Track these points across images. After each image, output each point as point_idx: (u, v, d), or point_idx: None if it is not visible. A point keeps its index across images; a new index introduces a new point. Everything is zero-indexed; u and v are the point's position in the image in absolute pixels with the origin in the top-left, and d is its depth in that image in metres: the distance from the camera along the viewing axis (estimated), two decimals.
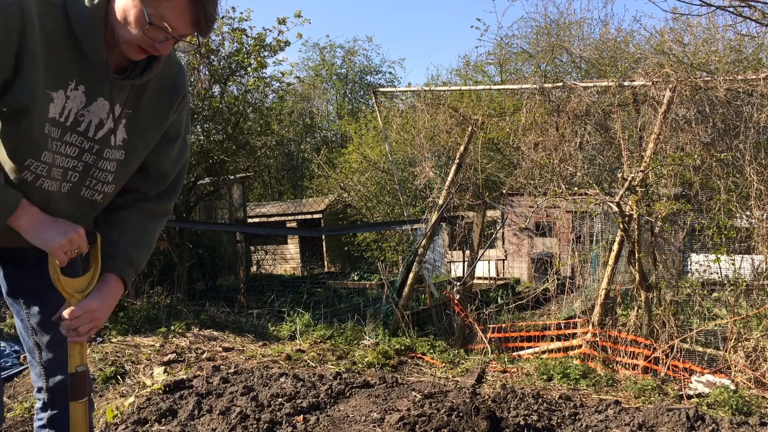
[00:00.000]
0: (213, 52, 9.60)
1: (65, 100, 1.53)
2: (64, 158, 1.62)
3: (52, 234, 1.60)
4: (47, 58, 1.47)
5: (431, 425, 3.20)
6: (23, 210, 1.58)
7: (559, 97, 6.39)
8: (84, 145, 1.63)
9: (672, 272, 6.45)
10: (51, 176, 1.61)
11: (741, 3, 5.18)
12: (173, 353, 5.10)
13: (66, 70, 1.51)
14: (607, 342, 5.12)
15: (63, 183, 1.65)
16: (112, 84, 1.59)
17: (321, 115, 27.93)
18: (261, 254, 17.39)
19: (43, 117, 1.51)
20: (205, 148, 9.55)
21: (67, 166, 1.64)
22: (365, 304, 8.68)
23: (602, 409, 3.74)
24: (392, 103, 14.58)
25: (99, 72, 1.55)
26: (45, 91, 1.49)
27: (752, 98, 5.21)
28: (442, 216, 7.31)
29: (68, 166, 1.64)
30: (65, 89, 1.52)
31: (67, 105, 1.54)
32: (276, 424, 3.38)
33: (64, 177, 1.65)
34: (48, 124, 1.53)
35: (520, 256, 15.20)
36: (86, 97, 1.57)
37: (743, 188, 5.02)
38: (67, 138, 1.59)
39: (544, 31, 15.59)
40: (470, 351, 5.98)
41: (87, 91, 1.56)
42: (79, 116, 1.58)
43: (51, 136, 1.55)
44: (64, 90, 1.52)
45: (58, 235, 1.60)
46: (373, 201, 16.77)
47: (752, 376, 4.41)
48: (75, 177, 1.67)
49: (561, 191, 5.61)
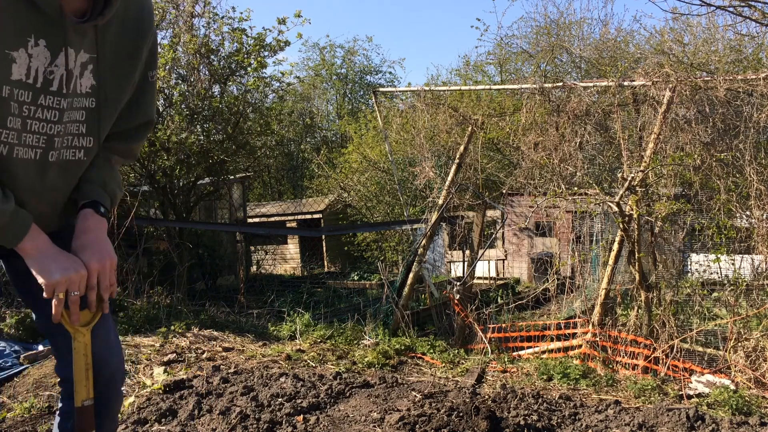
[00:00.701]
0: (213, 52, 9.60)
1: (28, 59, 1.42)
2: (45, 124, 1.50)
3: (52, 268, 1.50)
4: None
5: (431, 425, 3.20)
6: (31, 234, 1.50)
7: (559, 97, 6.39)
8: (62, 104, 1.52)
9: (672, 272, 6.45)
10: (24, 143, 1.49)
11: (741, 3, 5.18)
12: (173, 353, 5.10)
13: (21, 26, 1.39)
14: (607, 342, 5.12)
15: (49, 151, 1.54)
16: (74, 29, 1.47)
17: (321, 115, 27.95)
18: (261, 254, 17.40)
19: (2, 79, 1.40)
20: (205, 148, 9.55)
21: (51, 133, 1.52)
22: (365, 304, 8.68)
23: (602, 409, 3.74)
24: (392, 103, 14.59)
25: (56, 21, 1.43)
26: (3, 51, 1.38)
27: (752, 98, 5.21)
28: (442, 216, 7.31)
29: (52, 132, 1.52)
30: (25, 47, 1.41)
31: (33, 64, 1.43)
32: (276, 424, 3.38)
33: (49, 144, 1.53)
34: (10, 86, 1.42)
35: (520, 256, 15.20)
36: (50, 51, 1.45)
37: (743, 188, 5.02)
38: (42, 101, 1.48)
39: (544, 31, 15.62)
40: (470, 351, 5.98)
41: (49, 45, 1.44)
42: (48, 74, 1.46)
43: (19, 99, 1.44)
44: (25, 48, 1.41)
45: (58, 271, 1.50)
46: (373, 201, 16.78)
47: (752, 376, 4.41)
48: (61, 142, 1.56)
49: (561, 191, 5.61)
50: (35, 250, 1.50)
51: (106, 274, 1.59)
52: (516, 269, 15.28)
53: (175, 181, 9.88)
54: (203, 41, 9.44)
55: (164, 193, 9.82)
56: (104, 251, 1.60)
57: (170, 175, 9.48)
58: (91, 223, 1.63)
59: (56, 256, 1.52)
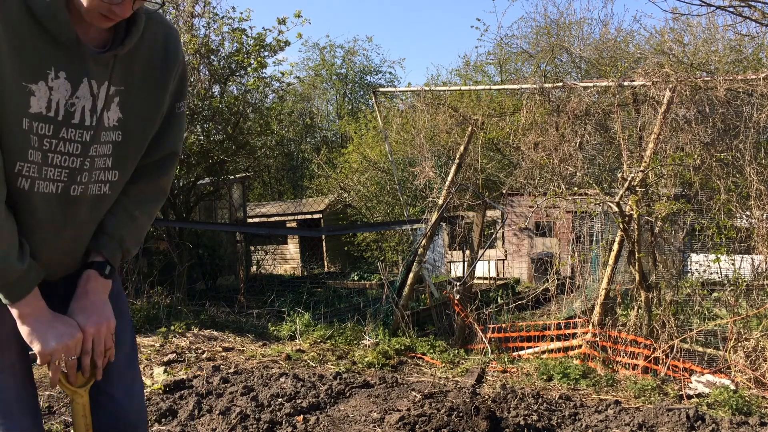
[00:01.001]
0: (213, 52, 9.60)
1: (49, 92, 1.41)
2: (67, 157, 1.47)
3: (49, 336, 1.44)
4: (15, 49, 1.35)
5: (431, 425, 3.20)
6: (29, 299, 1.44)
7: (559, 97, 6.39)
8: (85, 137, 1.49)
9: (672, 272, 6.45)
10: (45, 177, 1.46)
11: (741, 3, 5.18)
12: (173, 353, 5.10)
13: (41, 59, 1.39)
14: (607, 342, 5.12)
15: (71, 185, 1.51)
16: (93, 60, 1.45)
17: (321, 115, 27.94)
18: (261, 254, 17.39)
19: (19, 113, 1.39)
20: (205, 148, 9.54)
21: (73, 166, 1.49)
22: (365, 304, 8.68)
23: (602, 409, 3.74)
24: (392, 103, 14.59)
25: (74, 52, 1.42)
26: (20, 83, 1.37)
27: (752, 98, 5.21)
28: (442, 216, 7.31)
29: (74, 166, 1.49)
30: (45, 80, 1.40)
31: (53, 96, 1.42)
32: (276, 424, 3.39)
33: (71, 178, 1.50)
34: (30, 119, 1.40)
35: (520, 256, 15.20)
36: (70, 83, 1.43)
37: (743, 188, 5.02)
38: (64, 134, 1.46)
39: (544, 31, 15.61)
40: (470, 351, 5.98)
41: (69, 77, 1.43)
42: (70, 106, 1.45)
43: (39, 133, 1.42)
44: (45, 81, 1.40)
45: (54, 339, 1.44)
46: (373, 201, 16.77)
47: (752, 376, 4.41)
48: (85, 177, 1.53)
49: (561, 191, 5.61)
50: (31, 317, 1.45)
51: (101, 339, 1.55)
52: (516, 269, 15.28)
53: (175, 181, 9.87)
54: (203, 41, 9.44)
55: None
56: (102, 315, 1.56)
57: None
58: (93, 285, 1.59)
59: (52, 322, 1.47)
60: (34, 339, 1.45)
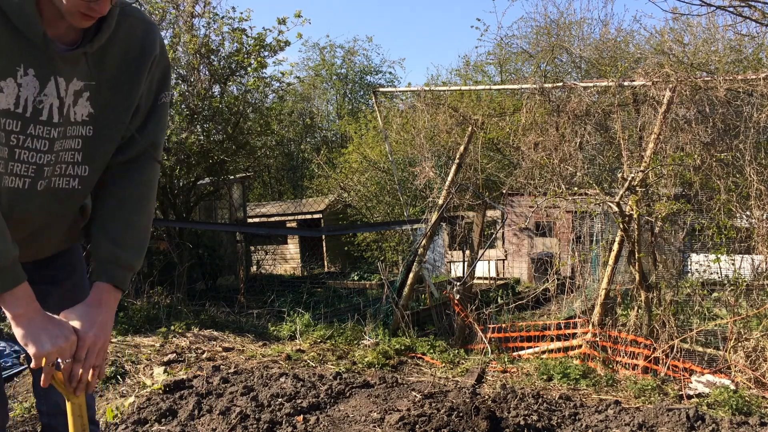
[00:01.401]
0: (213, 52, 9.59)
1: (17, 88, 1.43)
2: (34, 153, 1.50)
3: (43, 338, 1.45)
4: None
5: (431, 425, 3.20)
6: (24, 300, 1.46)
7: (559, 97, 6.39)
8: (53, 134, 1.52)
9: (672, 272, 6.45)
10: (12, 172, 1.49)
11: (741, 3, 5.18)
12: (173, 353, 5.10)
13: (10, 56, 1.41)
14: (607, 342, 5.12)
15: (38, 180, 1.54)
16: (62, 58, 1.47)
17: (321, 115, 27.94)
18: (261, 254, 17.39)
19: None
20: (205, 148, 9.54)
21: (41, 162, 1.52)
22: (365, 304, 8.68)
23: (602, 409, 3.74)
24: (392, 103, 14.58)
25: (43, 50, 1.44)
26: None
27: (752, 98, 5.21)
28: (442, 216, 7.31)
29: (42, 162, 1.52)
30: (14, 76, 1.42)
31: (21, 93, 1.44)
32: (276, 424, 3.39)
33: (38, 173, 1.53)
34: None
35: (520, 256, 15.20)
36: (39, 80, 1.46)
37: (743, 188, 5.02)
38: (32, 130, 1.48)
39: (544, 31, 15.61)
40: (470, 351, 5.98)
41: (38, 74, 1.45)
42: (38, 103, 1.47)
43: (6, 128, 1.45)
44: (14, 78, 1.42)
45: (48, 341, 1.45)
46: (373, 201, 16.76)
47: (752, 376, 4.41)
48: (50, 171, 1.56)
49: (561, 191, 5.61)
50: (24, 318, 1.46)
51: (94, 353, 1.54)
52: (516, 269, 15.28)
53: (175, 181, 9.87)
54: (203, 41, 9.43)
55: (164, 193, 9.81)
56: (105, 330, 1.58)
57: (170, 175, 9.46)
58: (106, 298, 1.60)
59: (45, 324, 1.47)
60: (28, 341, 1.46)
